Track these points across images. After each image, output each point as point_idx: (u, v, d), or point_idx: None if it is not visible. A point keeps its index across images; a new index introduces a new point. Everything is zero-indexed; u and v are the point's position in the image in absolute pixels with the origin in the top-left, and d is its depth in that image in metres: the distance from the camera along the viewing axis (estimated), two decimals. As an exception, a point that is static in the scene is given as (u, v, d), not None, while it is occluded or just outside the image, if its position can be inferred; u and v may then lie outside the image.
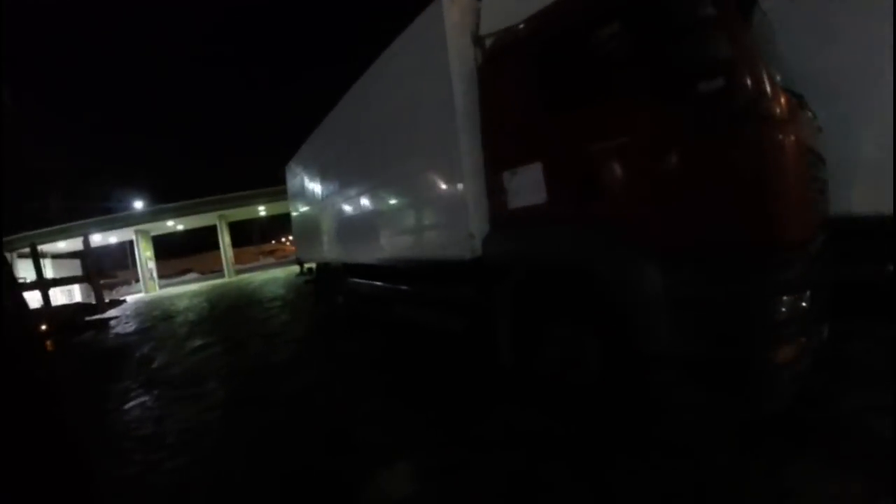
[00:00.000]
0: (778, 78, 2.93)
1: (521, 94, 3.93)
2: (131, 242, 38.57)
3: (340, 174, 7.76)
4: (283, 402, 5.19)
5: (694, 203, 2.84)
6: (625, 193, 3.20)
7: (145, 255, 37.38)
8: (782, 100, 2.72)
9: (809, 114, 3.63)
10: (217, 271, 47.68)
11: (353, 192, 7.21)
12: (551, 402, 3.78)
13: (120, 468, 4.11)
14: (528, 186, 3.85)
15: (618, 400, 3.30)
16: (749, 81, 2.66)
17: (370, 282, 7.22)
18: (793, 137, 2.71)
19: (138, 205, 37.32)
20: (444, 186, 4.70)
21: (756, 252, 2.68)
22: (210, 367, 7.51)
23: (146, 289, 36.38)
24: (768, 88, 2.67)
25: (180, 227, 41.83)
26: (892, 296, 4.17)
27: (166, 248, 50.30)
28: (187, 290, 33.06)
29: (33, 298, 15.76)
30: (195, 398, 5.84)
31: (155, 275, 39.37)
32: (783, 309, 2.64)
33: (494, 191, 4.19)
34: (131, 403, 6.05)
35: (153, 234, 39.43)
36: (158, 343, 10.72)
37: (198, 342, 9.92)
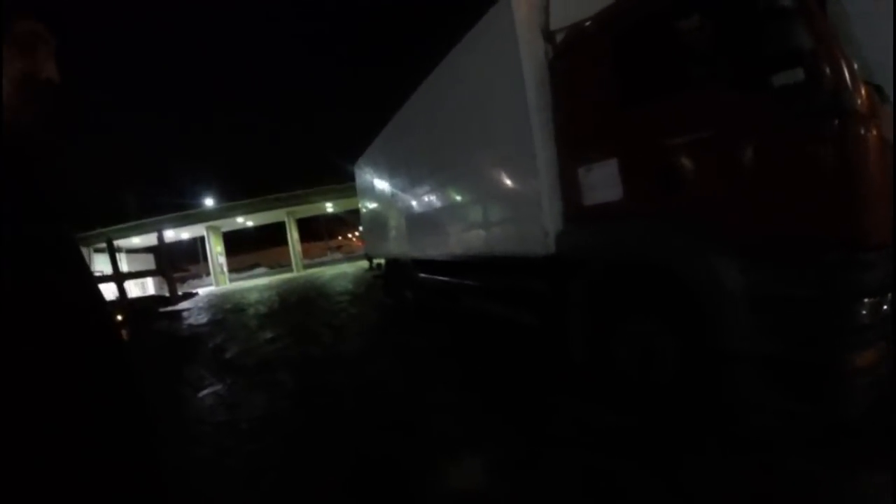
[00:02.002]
0: (857, 67, 2.78)
1: (595, 89, 3.90)
2: (202, 238, 40.09)
3: (411, 170, 7.87)
4: (354, 391, 5.29)
5: (774, 199, 2.80)
6: (703, 188, 3.16)
7: (216, 250, 38.96)
8: (863, 92, 2.61)
9: (890, 107, 3.47)
10: (285, 265, 49.00)
11: (423, 188, 7.32)
12: (624, 399, 3.76)
13: (195, 451, 4.27)
14: (603, 182, 3.84)
15: (692, 399, 3.26)
16: (829, 73, 2.57)
17: (440, 277, 7.32)
18: (875, 132, 2.60)
19: (209, 202, 38.66)
20: (517, 182, 4.73)
21: (838, 251, 2.60)
22: (282, 356, 7.68)
23: (217, 282, 37.86)
24: (849, 80, 2.57)
25: (250, 224, 43.12)
26: None
27: (236, 243, 51.94)
28: (256, 283, 34.05)
29: (109, 290, 16.49)
30: (268, 386, 5.99)
31: (225, 269, 41.03)
32: (865, 312, 2.56)
33: (569, 186, 4.19)
34: (205, 391, 6.25)
35: (224, 229, 40.86)
36: (231, 333, 11.05)
37: (269, 333, 10.16)
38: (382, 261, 11.61)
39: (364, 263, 12.86)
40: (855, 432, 2.93)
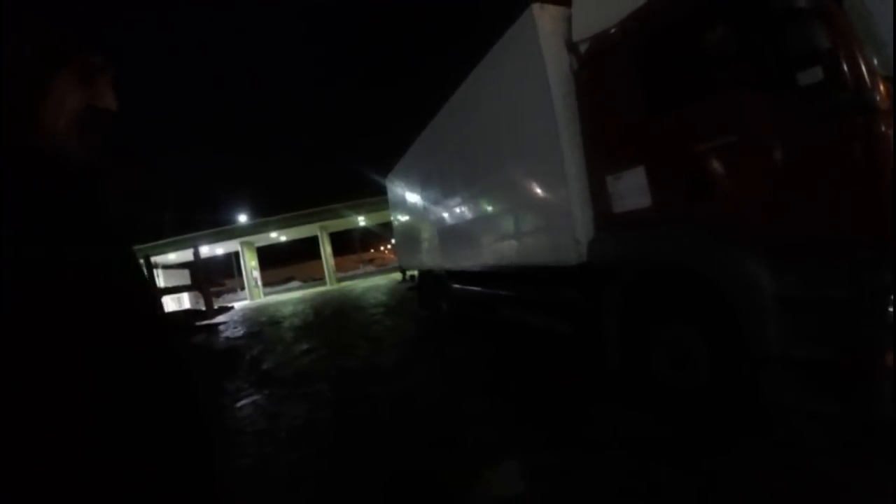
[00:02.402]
0: (877, 63, 2.81)
1: (620, 97, 3.97)
2: (237, 253, 40.79)
3: (442, 183, 7.99)
4: (392, 401, 5.40)
5: (802, 200, 2.83)
6: (731, 192, 3.21)
7: (250, 265, 39.59)
8: (882, 89, 2.63)
9: None
10: (318, 279, 49.63)
11: (455, 200, 7.43)
12: (659, 405, 3.80)
13: (236, 460, 4.40)
14: (633, 189, 3.89)
15: (727, 403, 3.30)
16: (850, 72, 2.61)
17: (473, 287, 7.41)
18: None
19: (243, 218, 39.42)
20: (547, 192, 4.81)
21: (868, 250, 2.61)
22: (319, 368, 7.84)
23: (251, 296, 38.41)
24: (869, 78, 2.60)
25: (283, 238, 43.74)
26: None
27: (269, 258, 52.79)
28: (291, 297, 34.55)
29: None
30: (306, 397, 6.11)
31: (259, 283, 41.61)
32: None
33: (598, 195, 4.25)
34: (244, 401, 6.41)
35: (257, 244, 41.51)
36: (267, 346, 11.25)
37: (305, 346, 10.34)
38: (416, 273, 11.74)
39: (397, 276, 12.97)
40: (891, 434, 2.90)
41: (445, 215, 7.96)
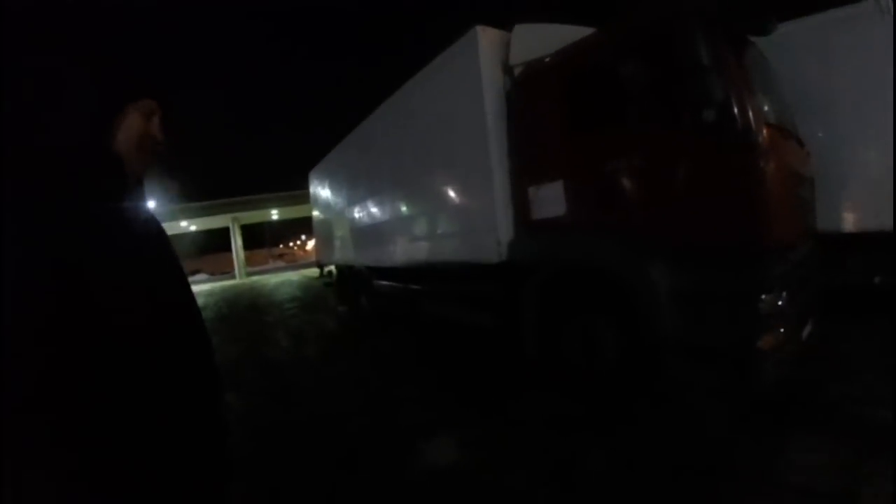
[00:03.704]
0: (767, 108, 3.68)
1: (546, 118, 4.54)
2: None
3: (371, 182, 8.24)
4: (323, 388, 5.66)
5: (695, 214, 3.50)
6: (636, 205, 3.87)
7: None
8: (765, 131, 3.35)
9: (795, 142, 4.30)
10: (227, 273, 48.10)
11: (383, 199, 7.71)
12: (573, 388, 4.39)
13: None
14: (551, 199, 4.47)
15: (632, 382, 3.94)
16: (737, 116, 3.28)
17: (397, 283, 7.76)
18: (774, 163, 3.34)
19: (151, 204, 37.14)
20: (474, 197, 5.25)
21: (744, 255, 3.30)
22: (243, 359, 7.89)
23: (157, 287, 36.55)
24: (754, 122, 3.29)
25: (193, 228, 42.34)
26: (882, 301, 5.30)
27: (176, 248, 50.03)
28: (199, 289, 33.06)
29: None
30: (233, 387, 6.11)
31: None
32: (765, 304, 3.23)
33: (520, 202, 4.79)
34: None
35: (168, 233, 39.68)
36: None
37: (222, 337, 10.22)
38: (333, 268, 11.90)
39: (309, 272, 13.02)
40: (769, 404, 3.75)
41: (372, 213, 8.21)
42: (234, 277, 40.48)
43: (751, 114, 3.30)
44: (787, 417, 3.63)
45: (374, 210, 8.15)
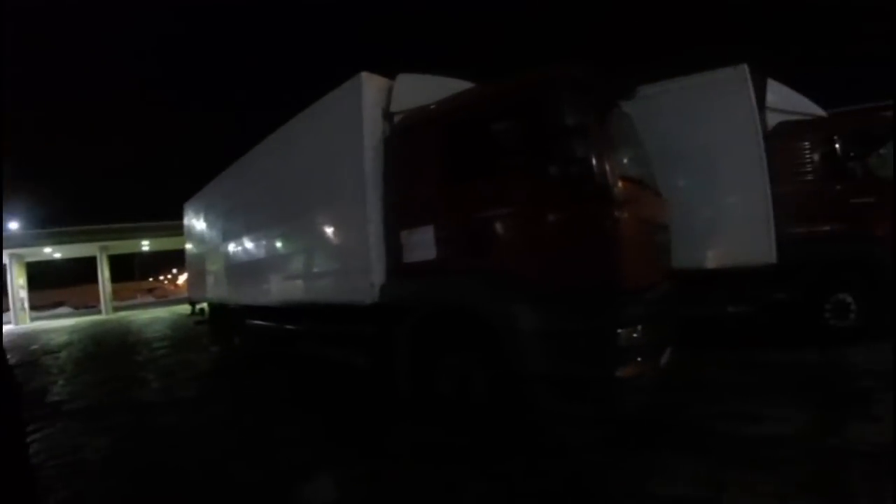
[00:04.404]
0: (627, 162, 4.21)
1: (421, 165, 4.69)
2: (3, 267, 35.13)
3: (247, 219, 8.02)
4: (196, 432, 5.42)
5: (554, 259, 3.81)
6: (503, 250, 4.12)
7: (18, 283, 34.53)
8: (621, 185, 3.69)
9: (651, 193, 4.76)
10: (92, 306, 44.58)
11: (259, 236, 7.54)
12: (448, 423, 4.46)
13: (48, 495, 4.06)
14: (423, 243, 4.59)
15: (503, 414, 4.07)
16: (596, 173, 3.60)
17: (270, 322, 7.55)
18: (628, 214, 3.68)
19: (14, 225, 33.79)
20: (349, 240, 5.28)
21: (601, 296, 3.56)
22: (112, 401, 7.36)
23: (16, 320, 33.28)
24: (611, 178, 3.62)
25: (58, 255, 39.08)
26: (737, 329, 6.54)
27: (37, 277, 45.43)
28: (63, 324, 30.59)
29: None
30: (105, 430, 5.80)
31: (27, 305, 36.37)
32: (622, 338, 3.49)
33: (393, 246, 4.86)
34: (37, 435, 5.72)
35: (27, 259, 36.70)
36: (49, 378, 10.13)
37: (92, 378, 9.58)
38: (206, 306, 11.44)
39: (180, 309, 12.34)
40: (640, 431, 4.13)
41: (247, 250, 8.00)
42: (100, 312, 37.40)
43: (608, 169, 3.62)
44: (655, 438, 4.03)
45: (249, 247, 7.94)
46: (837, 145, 6.60)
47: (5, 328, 24.73)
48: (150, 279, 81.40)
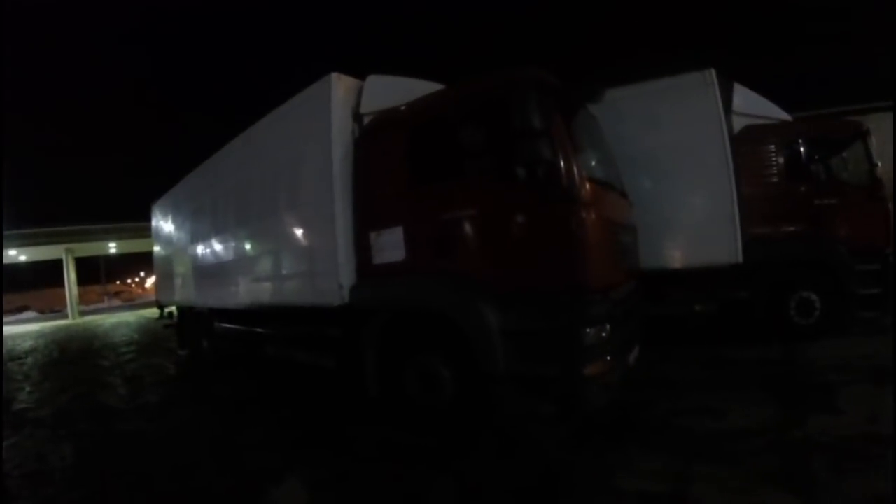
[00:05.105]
0: (594, 164, 4.30)
1: (390, 167, 4.67)
2: None
3: (215, 220, 7.92)
4: (164, 437, 5.34)
5: (521, 260, 3.84)
6: (470, 252, 4.13)
7: None
8: (587, 187, 3.75)
9: (617, 194, 4.83)
10: (58, 311, 43.63)
11: (226, 238, 7.46)
12: (416, 424, 4.49)
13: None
14: (391, 245, 4.58)
15: (471, 415, 4.11)
16: (562, 174, 3.64)
17: (239, 326, 7.49)
18: (593, 214, 3.73)
19: None
20: (317, 241, 5.24)
21: (566, 296, 3.61)
22: (78, 407, 7.17)
23: (-22, 326, 32.08)
24: (577, 179, 3.68)
25: (23, 258, 38.03)
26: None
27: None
28: (27, 329, 29.67)
29: None
30: (71, 437, 5.66)
31: None
32: (589, 337, 3.56)
33: (362, 247, 4.84)
34: (3, 443, 5.47)
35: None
36: (14, 384, 9.79)
37: (58, 384, 9.32)
38: (174, 309, 11.27)
39: (147, 313, 12.07)
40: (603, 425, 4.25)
41: (215, 252, 7.90)
42: (66, 317, 36.49)
43: (574, 170, 3.67)
44: (622, 435, 4.10)
45: (218, 249, 7.83)
46: (802, 149, 6.78)
47: (-33, 335, 24.02)
48: (118, 282, 80.00)
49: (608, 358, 3.72)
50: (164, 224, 11.05)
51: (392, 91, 5.10)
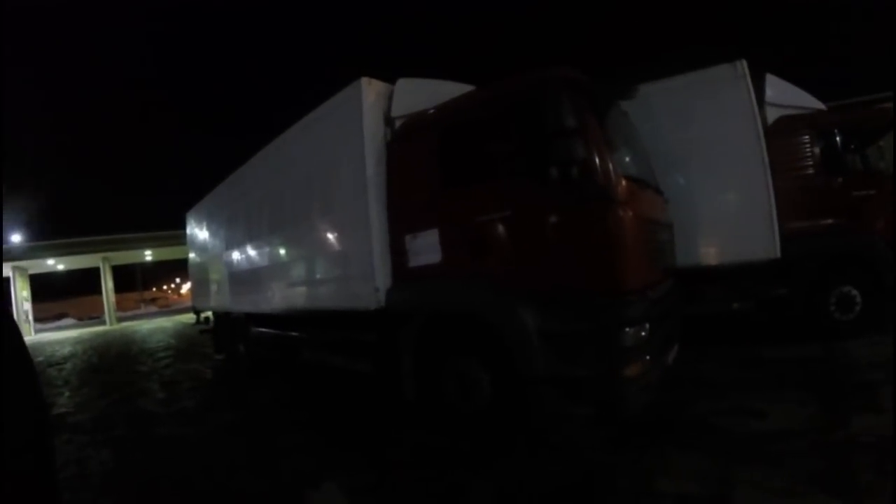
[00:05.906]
0: (628, 162, 4.23)
1: (423, 169, 4.69)
2: (7, 280, 34.57)
3: (249, 226, 8.01)
4: (201, 442, 5.41)
5: (558, 261, 3.79)
6: (506, 254, 4.10)
7: (21, 295, 34.42)
8: (623, 185, 3.72)
9: (652, 192, 4.77)
10: (95, 317, 44.65)
11: (261, 244, 7.53)
12: (453, 426, 4.48)
13: None
14: (427, 248, 4.59)
15: (509, 419, 4.08)
16: (598, 172, 3.63)
17: (275, 330, 7.56)
18: (630, 213, 3.69)
19: (17, 238, 34.56)
20: (352, 245, 5.26)
21: (604, 296, 3.58)
22: (117, 412, 7.32)
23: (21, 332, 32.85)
24: (612, 177, 3.66)
25: (61, 267, 39.12)
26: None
27: (40, 290, 45.32)
28: (66, 336, 30.64)
29: None
30: (110, 442, 5.76)
31: (31, 317, 36.26)
32: (627, 337, 3.51)
33: (397, 250, 4.87)
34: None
35: (31, 271, 36.65)
36: (54, 389, 10.06)
37: (97, 390, 9.50)
38: (210, 315, 11.42)
39: (184, 319, 12.28)
40: (642, 426, 4.19)
41: (250, 258, 7.99)
42: (103, 323, 37.48)
43: (609, 169, 3.65)
44: (660, 436, 4.05)
45: (252, 255, 7.93)
46: (837, 138, 6.63)
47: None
48: (154, 289, 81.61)
49: (647, 358, 3.68)
50: (199, 232, 11.25)
51: (422, 93, 5.12)
